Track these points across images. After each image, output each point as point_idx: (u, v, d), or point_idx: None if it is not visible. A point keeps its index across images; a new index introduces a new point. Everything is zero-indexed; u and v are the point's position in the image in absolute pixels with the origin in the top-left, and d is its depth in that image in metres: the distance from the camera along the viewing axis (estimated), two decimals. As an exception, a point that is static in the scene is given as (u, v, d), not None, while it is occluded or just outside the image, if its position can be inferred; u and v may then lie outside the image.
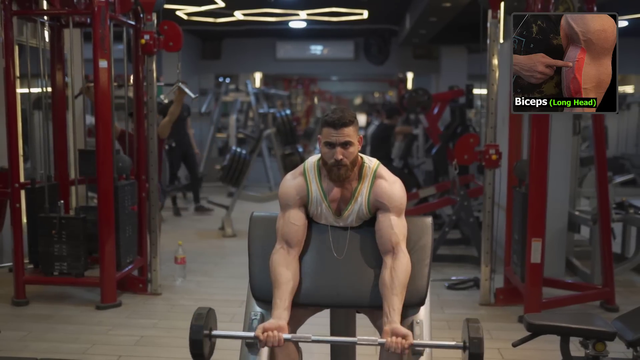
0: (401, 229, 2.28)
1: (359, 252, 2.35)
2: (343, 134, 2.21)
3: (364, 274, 2.31)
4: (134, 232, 4.58)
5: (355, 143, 2.26)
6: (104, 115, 4.08)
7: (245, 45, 11.34)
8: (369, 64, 10.99)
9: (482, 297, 4.34)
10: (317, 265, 2.34)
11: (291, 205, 2.33)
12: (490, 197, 4.26)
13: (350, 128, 2.22)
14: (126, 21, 4.38)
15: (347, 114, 2.23)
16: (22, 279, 4.22)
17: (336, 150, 2.22)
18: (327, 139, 2.23)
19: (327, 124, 2.23)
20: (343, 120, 2.20)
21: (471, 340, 2.04)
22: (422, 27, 7.83)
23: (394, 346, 2.03)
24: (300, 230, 2.30)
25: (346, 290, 2.30)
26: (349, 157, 2.23)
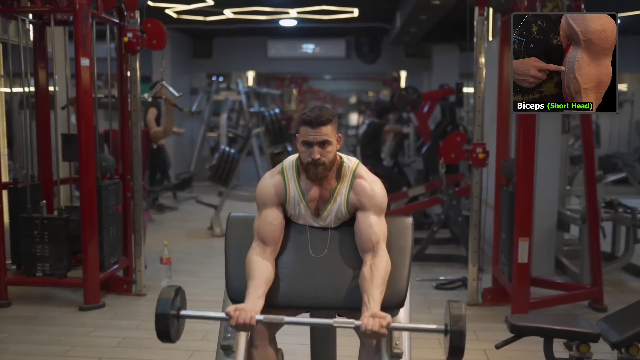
0: (381, 229, 2.23)
1: (338, 252, 2.31)
2: (320, 132, 2.16)
3: (343, 274, 2.27)
4: (119, 232, 4.53)
5: (334, 142, 2.21)
6: (86, 114, 4.03)
7: (236, 44, 11.27)
8: (360, 62, 10.94)
9: (470, 297, 4.30)
10: (295, 266, 2.29)
11: (268, 204, 2.28)
12: (477, 196, 4.23)
13: (328, 127, 2.17)
14: (109, 19, 4.33)
15: (325, 113, 2.18)
16: (4, 279, 4.17)
17: (314, 150, 2.17)
18: (304, 137, 2.19)
19: (305, 122, 2.18)
20: (321, 119, 2.16)
21: (452, 319, 1.96)
22: (412, 25, 7.80)
23: (371, 325, 1.97)
24: (277, 229, 2.26)
25: (325, 292, 2.26)
26: (326, 156, 2.19)
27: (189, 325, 3.76)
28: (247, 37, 11.07)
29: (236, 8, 8.33)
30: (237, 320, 1.99)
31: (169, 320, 1.97)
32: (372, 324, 1.97)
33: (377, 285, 2.11)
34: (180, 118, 10.52)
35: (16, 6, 4.19)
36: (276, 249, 2.27)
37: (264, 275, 2.17)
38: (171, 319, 1.98)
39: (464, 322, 1.93)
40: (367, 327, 1.96)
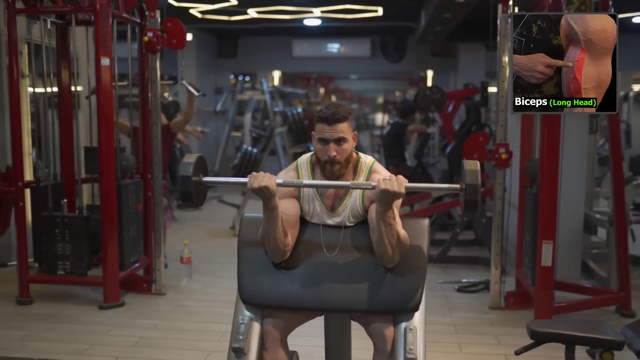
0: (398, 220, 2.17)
1: (352, 252, 2.27)
2: (337, 129, 2.16)
3: (356, 276, 2.23)
4: (139, 232, 4.55)
5: (350, 139, 2.20)
6: (106, 113, 4.05)
7: (261, 44, 11.28)
8: (385, 62, 10.85)
9: (492, 301, 4.21)
10: (308, 268, 2.26)
11: (281, 196, 2.25)
12: (500, 198, 4.13)
13: (344, 124, 2.17)
14: (130, 18, 4.34)
15: (341, 110, 2.18)
16: (26, 278, 4.21)
17: (330, 147, 2.17)
18: (320, 134, 2.18)
19: (321, 119, 2.18)
20: (337, 116, 2.15)
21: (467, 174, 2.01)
22: (437, 24, 7.69)
23: (389, 184, 2.00)
24: (290, 219, 2.24)
25: (336, 294, 2.22)
26: (342, 153, 2.18)
27: (206, 326, 3.79)
28: (271, 36, 11.07)
29: (260, 7, 8.33)
30: (257, 180, 2.05)
31: (190, 182, 2.11)
32: (389, 184, 2.00)
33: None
34: (205, 118, 10.59)
35: (39, 7, 4.23)
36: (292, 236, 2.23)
37: None
38: (193, 182, 2.12)
39: (477, 176, 2.01)
40: (384, 185, 2.00)
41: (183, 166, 2.13)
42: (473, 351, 3.51)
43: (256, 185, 2.05)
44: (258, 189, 2.05)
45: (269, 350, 2.23)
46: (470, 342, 3.63)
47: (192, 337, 3.67)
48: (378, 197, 2.03)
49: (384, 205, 2.03)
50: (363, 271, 2.23)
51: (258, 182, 2.05)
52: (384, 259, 2.16)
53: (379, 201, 2.04)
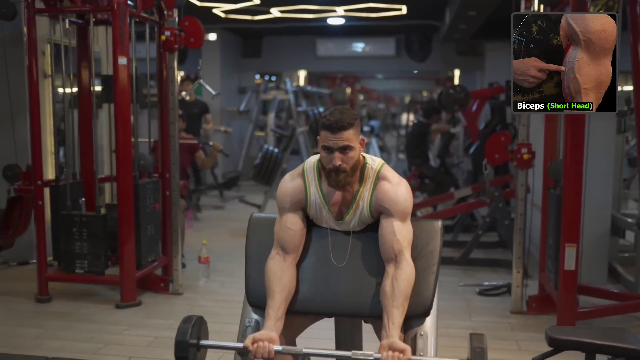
0: (405, 235, 2.11)
1: (361, 259, 2.20)
2: (342, 138, 2.04)
3: (364, 281, 2.17)
4: (157, 231, 4.55)
5: (356, 147, 2.08)
6: (123, 113, 4.05)
7: (285, 43, 11.26)
8: (410, 61, 10.74)
9: (514, 305, 4.11)
10: (316, 272, 2.21)
11: (287, 208, 2.20)
12: (522, 199, 4.02)
13: (349, 131, 2.04)
14: (149, 18, 4.34)
15: (346, 116, 2.05)
16: (44, 276, 4.25)
17: (334, 156, 2.06)
18: (324, 142, 2.07)
19: (324, 127, 2.06)
20: (341, 124, 2.03)
21: (474, 353, 1.87)
22: (461, 22, 7.56)
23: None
24: (296, 235, 2.17)
25: (345, 299, 2.16)
26: (348, 162, 2.07)
27: (221, 327, 3.76)
28: (296, 36, 11.04)
29: (283, 7, 8.30)
30: (256, 355, 1.95)
31: (188, 349, 1.96)
32: (390, 359, 1.88)
33: (397, 306, 2.00)
34: (228, 117, 10.61)
35: (59, 7, 4.25)
36: (297, 256, 2.18)
37: (283, 292, 2.09)
38: (190, 348, 1.96)
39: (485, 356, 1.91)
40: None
41: (180, 329, 1.97)
42: (492, 357, 3.38)
43: (258, 357, 1.96)
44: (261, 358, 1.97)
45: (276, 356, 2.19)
46: (490, 347, 3.46)
47: (207, 337, 3.64)
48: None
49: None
50: (372, 275, 2.17)
51: (259, 356, 1.95)
52: None
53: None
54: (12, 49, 4.91)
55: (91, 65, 4.58)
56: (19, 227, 4.74)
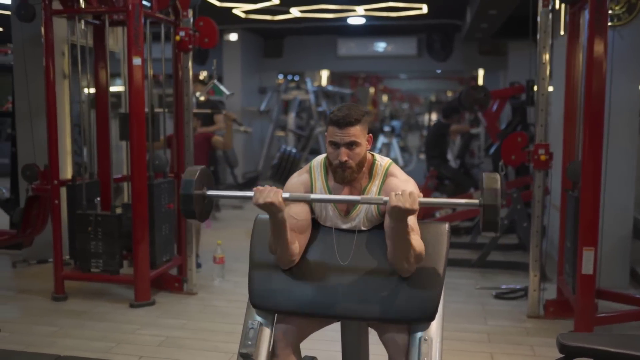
0: (412, 223, 2.06)
1: (365, 259, 2.17)
2: (348, 133, 2.04)
3: (370, 283, 2.13)
4: (172, 231, 4.56)
5: (363, 143, 2.08)
6: (138, 113, 4.06)
7: (306, 43, 11.26)
8: (432, 60, 10.64)
9: (530, 309, 4.02)
10: (320, 274, 2.18)
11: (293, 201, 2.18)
12: (539, 201, 3.94)
13: (356, 127, 2.04)
14: (164, 18, 4.35)
15: (353, 112, 2.06)
16: (60, 274, 4.29)
17: (340, 151, 2.06)
18: (331, 138, 2.08)
19: (332, 122, 2.07)
20: (348, 119, 2.03)
21: (485, 193, 1.91)
22: (482, 20, 7.45)
23: (401, 200, 1.87)
24: (299, 224, 2.15)
25: (350, 301, 2.13)
26: (354, 158, 2.07)
27: (233, 327, 3.74)
28: (317, 35, 11.03)
29: (303, 7, 8.28)
30: (262, 195, 1.96)
31: (192, 200, 2.03)
32: (402, 200, 1.87)
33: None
34: (249, 117, 10.63)
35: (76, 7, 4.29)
36: (300, 247, 2.15)
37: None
38: (195, 198, 2.04)
39: (496, 195, 1.89)
40: (395, 201, 1.87)
41: (185, 181, 2.04)
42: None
43: (261, 201, 1.96)
44: (264, 204, 1.96)
45: (280, 357, 2.16)
46: (504, 352, 3.47)
47: (218, 338, 3.64)
48: (390, 213, 1.92)
49: (397, 221, 1.92)
50: (377, 278, 2.13)
51: (263, 198, 1.95)
52: (399, 270, 2.07)
53: (391, 217, 1.93)
54: (32, 50, 4.98)
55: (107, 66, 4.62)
56: (37, 226, 4.80)
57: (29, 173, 4.63)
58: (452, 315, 4.08)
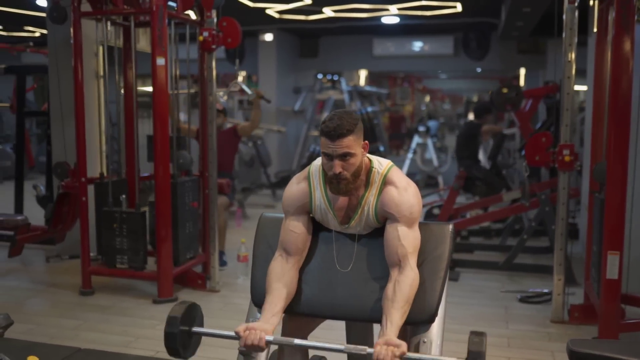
0: (411, 241, 2.03)
1: (365, 263, 2.15)
2: (341, 145, 1.97)
3: (368, 285, 2.12)
4: (196, 229, 4.62)
5: (357, 152, 2.01)
6: (161, 113, 4.13)
7: (342, 43, 11.24)
8: (468, 59, 10.48)
9: (554, 313, 3.92)
10: (320, 275, 2.18)
11: (291, 212, 2.17)
12: (564, 204, 3.84)
13: (349, 138, 1.97)
14: (189, 18, 4.42)
15: (345, 122, 1.97)
16: (87, 269, 4.40)
17: (334, 163, 1.99)
18: (324, 149, 2.01)
19: (323, 133, 1.99)
20: (340, 131, 1.96)
21: (471, 355, 1.80)
22: (517, 18, 7.30)
23: (384, 353, 1.81)
24: (299, 238, 2.14)
25: (348, 303, 2.12)
26: (349, 169, 2.01)
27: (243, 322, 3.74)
28: (352, 35, 11.00)
29: (335, 6, 8.28)
30: (246, 342, 1.93)
31: (175, 338, 1.95)
32: (384, 353, 1.80)
33: (398, 308, 1.93)
34: (284, 117, 10.69)
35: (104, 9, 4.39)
36: (300, 259, 2.15)
37: (284, 289, 2.07)
38: (180, 335, 1.96)
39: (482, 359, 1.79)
40: (378, 356, 1.80)
41: (170, 320, 1.94)
42: (523, 367, 3.28)
43: (247, 345, 1.93)
44: (250, 347, 1.94)
45: (286, 353, 2.18)
46: (522, 357, 3.39)
47: (235, 335, 3.66)
48: None
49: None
50: (377, 280, 2.11)
51: (249, 342, 1.92)
52: None
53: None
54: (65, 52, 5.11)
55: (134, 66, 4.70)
56: (67, 222, 4.94)
57: (60, 170, 4.76)
58: (473, 318, 4.02)
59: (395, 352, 1.80)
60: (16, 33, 10.42)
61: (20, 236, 4.88)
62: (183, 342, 1.98)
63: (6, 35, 10.57)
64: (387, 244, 2.05)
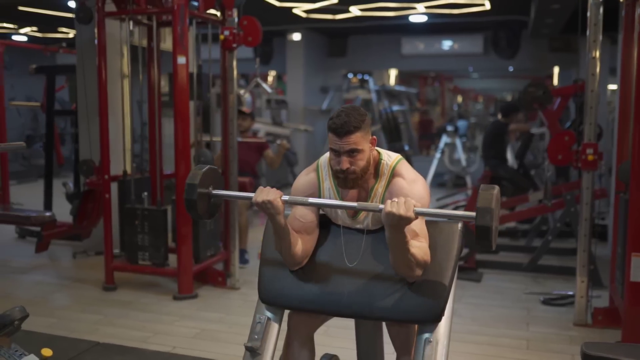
0: (418, 230, 2.01)
1: (374, 259, 2.14)
2: (348, 142, 1.98)
3: (375, 283, 2.10)
4: (217, 226, 4.65)
5: (365, 149, 2.02)
6: (182, 110, 4.17)
7: (370, 42, 11.19)
8: (498, 58, 10.32)
9: (577, 317, 3.83)
10: (327, 272, 2.17)
11: None
12: (587, 204, 3.75)
13: (356, 134, 1.98)
14: (210, 18, 4.45)
15: (352, 119, 1.98)
16: (110, 265, 4.47)
17: (342, 159, 2.00)
18: (332, 145, 2.03)
19: (331, 130, 2.01)
20: (347, 128, 1.97)
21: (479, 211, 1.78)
22: (546, 15, 7.15)
23: (395, 207, 1.82)
24: (304, 227, 2.14)
25: (356, 299, 2.11)
26: (357, 164, 2.01)
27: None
28: (381, 34, 10.95)
29: (362, 5, 8.25)
30: (262, 195, 1.96)
31: (195, 192, 2.02)
32: (396, 207, 1.82)
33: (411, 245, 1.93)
34: (311, 116, 10.69)
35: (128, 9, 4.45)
36: (306, 249, 2.14)
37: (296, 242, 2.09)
38: (199, 194, 2.03)
39: (489, 214, 1.77)
40: (389, 207, 1.82)
41: (190, 175, 2.05)
42: (542, 370, 3.21)
43: (260, 199, 1.95)
44: (262, 203, 1.95)
45: (294, 347, 2.19)
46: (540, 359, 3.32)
47: (252, 332, 3.67)
48: (384, 221, 1.85)
49: (392, 229, 1.85)
50: (384, 278, 2.09)
51: (262, 196, 1.94)
52: (403, 276, 2.02)
53: (386, 225, 1.87)
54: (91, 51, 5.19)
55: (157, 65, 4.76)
56: (92, 218, 5.03)
57: (86, 168, 4.85)
58: (493, 320, 3.96)
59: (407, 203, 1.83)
60: (50, 34, 10.66)
61: (47, 232, 4.98)
62: (202, 201, 2.06)
63: (41, 36, 10.82)
64: None
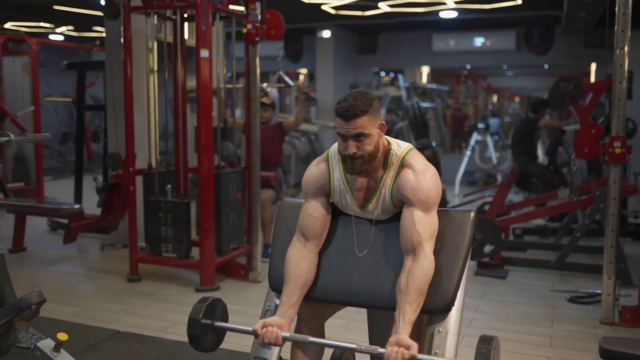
0: (426, 227, 1.98)
1: (383, 249, 2.12)
2: (355, 125, 1.95)
3: (383, 272, 2.08)
4: (240, 219, 4.67)
5: (373, 133, 1.98)
6: (205, 105, 4.20)
7: (401, 39, 11.12)
8: (531, 54, 10.13)
9: (603, 315, 3.73)
10: (338, 261, 2.16)
11: (310, 194, 2.16)
12: (615, 198, 3.64)
13: (363, 118, 1.95)
14: (234, 11, 4.47)
15: (359, 102, 1.95)
16: (135, 257, 4.53)
17: (348, 144, 1.98)
18: (339, 129, 2.00)
19: (337, 114, 1.99)
20: (353, 111, 1.94)
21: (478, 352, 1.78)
22: (579, 9, 6.98)
23: (393, 356, 1.80)
24: (317, 222, 2.12)
25: (365, 288, 2.09)
26: (364, 149, 1.98)
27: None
28: (411, 31, 10.87)
29: (391, 1, 8.19)
30: (264, 340, 1.97)
31: (199, 327, 2.01)
32: (394, 356, 1.80)
33: (410, 302, 1.90)
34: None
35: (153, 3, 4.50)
36: (318, 244, 2.14)
37: (300, 279, 2.07)
38: (202, 327, 2.02)
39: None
40: (389, 358, 1.81)
41: (194, 308, 2.04)
42: (565, 368, 3.13)
43: (265, 342, 1.98)
44: (268, 344, 2.00)
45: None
46: (563, 357, 3.24)
47: (271, 325, 3.68)
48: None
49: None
50: (393, 267, 2.07)
51: (267, 341, 1.97)
52: None
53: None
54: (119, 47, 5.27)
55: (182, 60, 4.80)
56: (118, 211, 5.10)
57: (112, 161, 4.91)
58: (518, 317, 3.88)
59: (405, 355, 1.79)
60: (86, 33, 10.89)
61: (74, 224, 5.08)
62: (206, 338, 2.04)
63: (76, 35, 11.05)
64: (402, 230, 2.01)
